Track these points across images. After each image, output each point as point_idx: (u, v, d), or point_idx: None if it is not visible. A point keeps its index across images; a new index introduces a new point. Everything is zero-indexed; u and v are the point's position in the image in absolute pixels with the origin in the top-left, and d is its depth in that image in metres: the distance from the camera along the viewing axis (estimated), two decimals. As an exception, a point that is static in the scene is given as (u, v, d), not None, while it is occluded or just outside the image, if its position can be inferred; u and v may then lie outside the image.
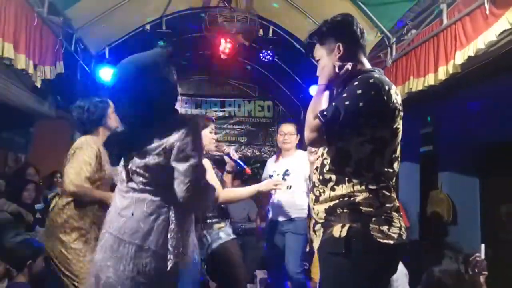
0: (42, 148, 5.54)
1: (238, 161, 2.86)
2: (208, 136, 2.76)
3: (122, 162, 1.76)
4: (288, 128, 3.63)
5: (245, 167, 2.87)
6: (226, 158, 2.88)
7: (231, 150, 2.87)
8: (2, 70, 3.91)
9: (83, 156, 2.42)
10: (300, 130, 3.68)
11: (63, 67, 4.05)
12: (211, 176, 2.58)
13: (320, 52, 1.76)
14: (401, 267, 3.11)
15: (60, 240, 2.42)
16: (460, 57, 2.94)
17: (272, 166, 3.69)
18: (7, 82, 4.13)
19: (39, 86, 3.68)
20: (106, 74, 5.07)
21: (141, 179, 1.62)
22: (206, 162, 2.61)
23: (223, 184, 2.83)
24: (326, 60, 1.73)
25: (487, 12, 2.69)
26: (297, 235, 3.39)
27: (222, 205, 2.75)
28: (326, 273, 1.67)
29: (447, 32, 3.15)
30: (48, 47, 3.78)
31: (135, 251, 1.56)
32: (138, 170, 1.61)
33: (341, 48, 1.69)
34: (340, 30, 1.72)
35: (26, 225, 4.05)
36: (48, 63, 3.77)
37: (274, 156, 3.86)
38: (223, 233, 2.64)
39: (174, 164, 1.57)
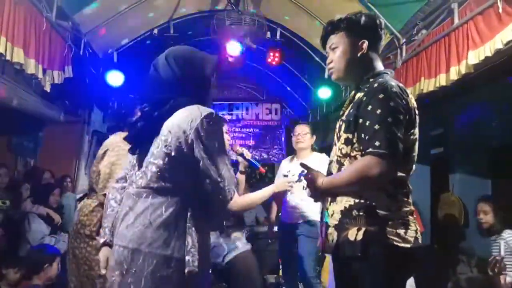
0: (50, 152, 5.57)
1: (252, 160, 2.83)
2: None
3: (133, 158, 1.62)
4: (300, 128, 3.63)
5: (259, 166, 2.85)
6: (239, 158, 2.86)
7: (244, 150, 2.83)
8: (10, 75, 3.93)
9: (111, 158, 2.36)
10: (314, 130, 3.69)
11: (72, 72, 4.07)
12: None
13: (340, 40, 1.70)
14: (410, 280, 3.06)
15: (87, 243, 2.35)
16: (474, 56, 2.89)
17: (287, 166, 3.66)
18: (16, 86, 4.15)
19: (48, 90, 3.69)
20: (114, 78, 5.10)
21: (156, 176, 1.47)
22: None
23: (239, 185, 2.81)
24: (344, 51, 1.68)
25: (500, 10, 2.65)
26: (310, 238, 3.35)
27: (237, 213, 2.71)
28: (342, 277, 1.64)
29: (459, 32, 3.11)
30: (57, 51, 3.80)
31: (156, 262, 1.41)
32: (154, 161, 1.48)
33: (365, 46, 1.67)
34: (370, 28, 1.69)
35: (52, 228, 4.12)
36: (56, 67, 3.78)
37: (289, 157, 3.84)
38: (240, 242, 2.60)
39: (198, 153, 1.44)
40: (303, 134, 3.59)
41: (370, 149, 1.46)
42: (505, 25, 2.62)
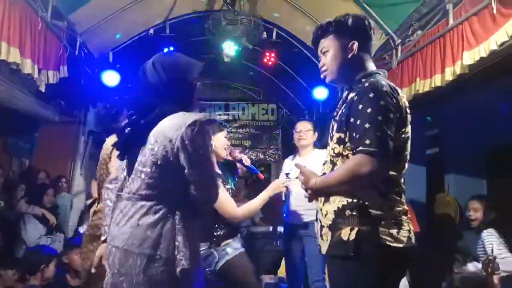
0: (46, 153, 5.54)
1: (251, 166, 2.82)
2: (222, 140, 2.71)
3: (123, 163, 1.67)
4: (302, 125, 3.60)
5: (258, 172, 2.84)
6: (238, 165, 2.84)
7: (244, 156, 2.82)
8: (5, 75, 3.91)
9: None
10: (316, 127, 3.64)
11: (67, 72, 4.05)
12: (225, 196, 2.50)
13: (330, 43, 1.71)
14: (403, 280, 3.07)
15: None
16: (469, 57, 2.91)
17: (289, 164, 3.58)
18: (11, 87, 4.14)
19: (43, 90, 3.68)
20: (109, 78, 5.09)
21: (144, 183, 1.53)
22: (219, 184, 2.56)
23: (238, 190, 2.79)
24: (335, 54, 1.70)
25: (494, 11, 2.67)
26: (315, 239, 3.28)
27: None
28: (335, 277, 1.64)
29: (454, 33, 3.13)
30: (52, 51, 3.78)
31: (146, 262, 1.47)
32: (142, 169, 1.53)
33: (355, 47, 1.68)
34: (359, 28, 1.70)
35: (48, 228, 4.11)
36: (52, 67, 3.77)
37: (291, 156, 3.79)
38: (230, 248, 2.57)
39: (184, 161, 1.49)
40: (305, 131, 3.54)
41: (361, 148, 1.48)
42: (499, 26, 2.64)
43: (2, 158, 5.30)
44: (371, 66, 1.71)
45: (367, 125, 1.49)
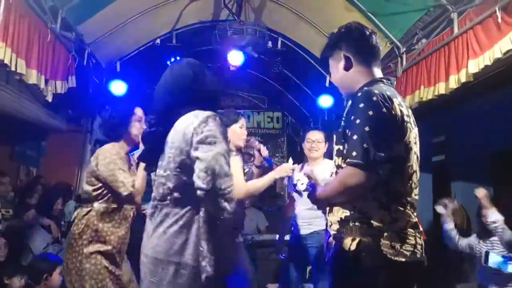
0: (53, 161, 5.59)
1: (267, 158, 2.86)
2: (237, 131, 2.69)
3: (153, 174, 1.69)
4: (316, 136, 3.43)
5: (273, 164, 2.91)
6: (256, 154, 2.85)
7: (262, 147, 2.83)
8: (14, 85, 3.97)
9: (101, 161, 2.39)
10: (327, 137, 3.50)
11: (75, 81, 4.10)
12: (238, 173, 2.49)
13: (330, 64, 1.76)
14: None
15: (78, 252, 2.34)
16: (474, 65, 2.92)
17: (297, 175, 3.39)
18: (19, 96, 4.19)
19: (50, 100, 3.72)
20: (117, 87, 5.14)
21: (167, 188, 1.54)
22: (236, 159, 2.55)
23: (253, 177, 2.80)
24: (333, 69, 1.74)
25: (499, 20, 2.68)
26: (319, 249, 3.20)
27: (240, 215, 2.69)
28: (337, 285, 1.64)
29: (459, 41, 3.15)
30: (60, 62, 3.83)
31: (174, 270, 1.47)
32: (163, 174, 1.56)
33: (347, 58, 1.68)
34: (344, 40, 1.69)
35: (55, 237, 4.13)
36: (60, 77, 3.81)
37: (299, 165, 3.57)
38: None
39: (193, 153, 1.48)
40: (317, 142, 3.39)
41: (348, 160, 1.48)
42: (504, 35, 2.66)
43: (10, 167, 5.34)
44: (372, 74, 1.68)
45: (355, 137, 1.48)
